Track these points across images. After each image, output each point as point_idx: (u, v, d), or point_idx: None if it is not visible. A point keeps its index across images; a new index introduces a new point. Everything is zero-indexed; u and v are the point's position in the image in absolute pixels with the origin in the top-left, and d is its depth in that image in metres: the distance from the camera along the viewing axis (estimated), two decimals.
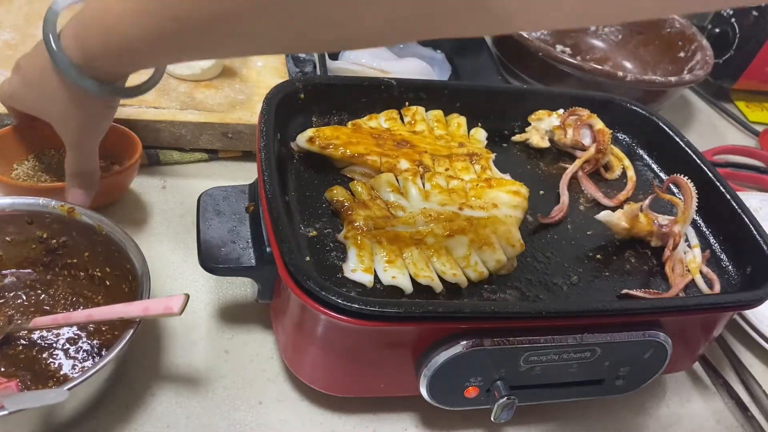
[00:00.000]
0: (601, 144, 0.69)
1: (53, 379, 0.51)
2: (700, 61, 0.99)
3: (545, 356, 0.52)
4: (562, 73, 0.90)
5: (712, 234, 0.65)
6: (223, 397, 0.56)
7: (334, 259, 0.53)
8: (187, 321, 0.60)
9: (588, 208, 0.66)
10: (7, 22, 0.80)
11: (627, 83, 0.89)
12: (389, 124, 0.67)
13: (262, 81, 0.82)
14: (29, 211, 0.56)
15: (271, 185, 0.52)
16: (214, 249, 0.54)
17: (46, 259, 0.58)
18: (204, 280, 0.64)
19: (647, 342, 0.53)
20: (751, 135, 1.10)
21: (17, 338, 0.53)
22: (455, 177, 0.62)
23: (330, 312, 0.46)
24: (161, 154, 0.75)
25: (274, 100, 0.61)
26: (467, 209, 0.58)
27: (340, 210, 0.57)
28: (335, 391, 0.55)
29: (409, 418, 0.57)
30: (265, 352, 0.59)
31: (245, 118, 0.76)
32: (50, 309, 0.56)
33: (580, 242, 0.62)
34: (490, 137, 0.71)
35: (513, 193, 0.61)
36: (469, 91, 0.74)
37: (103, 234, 0.55)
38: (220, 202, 0.58)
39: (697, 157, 0.69)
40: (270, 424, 0.55)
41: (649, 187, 0.69)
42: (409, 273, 0.53)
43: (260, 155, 0.55)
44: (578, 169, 0.69)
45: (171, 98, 0.76)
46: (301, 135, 0.62)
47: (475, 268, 0.54)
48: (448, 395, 0.53)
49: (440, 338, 0.50)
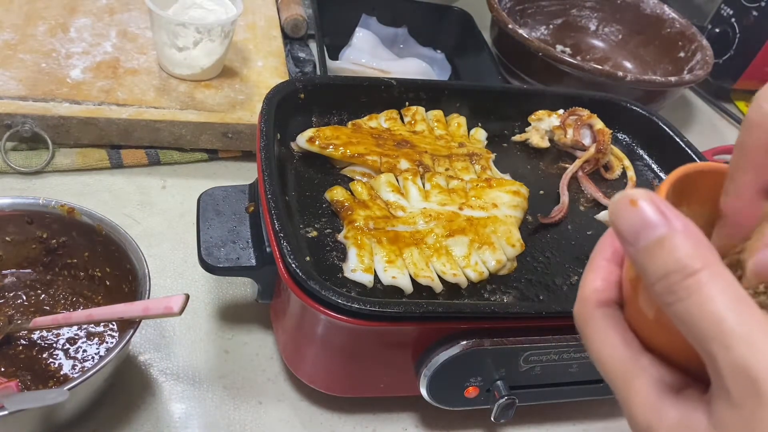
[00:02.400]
0: (601, 144, 0.69)
1: (53, 379, 0.51)
2: (700, 61, 0.99)
3: (545, 356, 0.52)
4: (562, 73, 0.89)
5: None
6: (223, 397, 0.56)
7: (334, 259, 0.53)
8: (187, 321, 0.60)
9: (588, 208, 0.66)
10: (7, 22, 0.80)
11: (627, 83, 0.88)
12: (389, 124, 0.67)
13: (262, 81, 0.82)
14: (29, 211, 0.56)
15: (271, 185, 0.52)
16: (214, 249, 0.54)
17: (46, 259, 0.58)
18: (204, 280, 0.64)
19: None
20: None
21: (17, 338, 0.53)
22: (455, 177, 0.62)
23: (330, 312, 0.46)
24: (161, 154, 0.75)
25: (274, 100, 0.61)
26: (467, 209, 0.58)
27: (340, 210, 0.57)
28: (335, 391, 0.55)
29: (409, 418, 0.57)
30: (265, 352, 0.59)
31: (245, 118, 0.76)
32: (50, 309, 0.56)
33: (580, 242, 0.62)
34: (490, 137, 0.71)
35: (513, 193, 0.61)
36: (469, 91, 0.73)
37: (103, 234, 0.55)
38: (220, 202, 0.58)
39: (697, 157, 0.69)
40: (270, 424, 0.55)
41: (649, 187, 0.69)
42: (409, 273, 0.53)
43: (260, 155, 0.55)
44: (578, 169, 0.69)
45: (171, 98, 0.76)
46: (301, 135, 0.62)
47: (475, 268, 0.54)
48: (448, 395, 0.53)
49: (440, 338, 0.50)
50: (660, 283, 0.25)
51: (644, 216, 0.25)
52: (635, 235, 0.25)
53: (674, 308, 0.24)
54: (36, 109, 0.70)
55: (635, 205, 0.25)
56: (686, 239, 0.24)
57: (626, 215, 0.26)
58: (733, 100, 1.18)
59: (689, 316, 0.24)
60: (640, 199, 0.25)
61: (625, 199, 0.26)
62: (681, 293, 0.24)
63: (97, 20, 0.84)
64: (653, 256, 0.25)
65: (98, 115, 0.71)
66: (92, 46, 0.80)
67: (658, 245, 0.25)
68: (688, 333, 0.24)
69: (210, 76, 0.80)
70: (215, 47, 0.76)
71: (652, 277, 0.25)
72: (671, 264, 0.24)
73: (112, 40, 0.82)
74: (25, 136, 0.70)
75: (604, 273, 0.31)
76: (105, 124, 0.72)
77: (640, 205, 0.25)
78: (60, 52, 0.78)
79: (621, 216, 0.26)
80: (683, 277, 0.24)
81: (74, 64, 0.77)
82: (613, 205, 0.26)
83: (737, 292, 0.24)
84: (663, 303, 0.25)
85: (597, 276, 0.31)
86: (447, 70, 1.00)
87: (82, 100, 0.72)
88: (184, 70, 0.78)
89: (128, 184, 0.72)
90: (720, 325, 0.23)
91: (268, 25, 0.92)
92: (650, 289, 0.25)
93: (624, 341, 0.29)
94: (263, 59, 0.85)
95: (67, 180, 0.71)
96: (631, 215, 0.25)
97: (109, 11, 0.86)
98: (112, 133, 0.73)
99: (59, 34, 0.81)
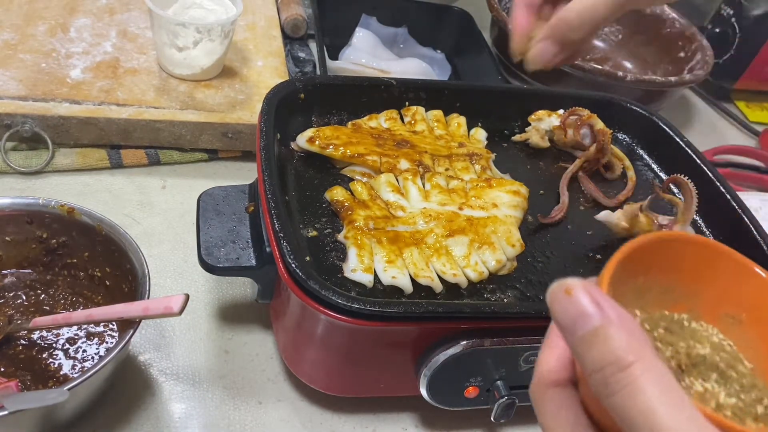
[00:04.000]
0: (601, 144, 0.69)
1: (53, 379, 0.51)
2: (700, 61, 0.99)
3: None
4: (562, 73, 0.89)
5: (712, 234, 0.65)
6: (223, 397, 0.56)
7: (334, 259, 0.53)
8: (187, 321, 0.60)
9: (588, 208, 0.66)
10: (7, 22, 0.80)
11: (627, 83, 0.88)
12: (389, 124, 0.67)
13: (262, 81, 0.82)
14: (29, 211, 0.56)
15: (271, 185, 0.52)
16: (214, 249, 0.54)
17: (46, 259, 0.58)
18: (204, 280, 0.64)
19: None
20: (751, 135, 1.10)
21: (17, 338, 0.53)
22: (455, 177, 0.62)
23: (330, 312, 0.46)
24: (161, 154, 0.75)
25: (274, 100, 0.61)
26: (467, 209, 0.58)
27: (340, 210, 0.57)
28: (335, 391, 0.55)
29: (409, 418, 0.57)
30: (265, 352, 0.59)
31: (245, 118, 0.76)
32: (50, 309, 0.56)
33: (580, 242, 0.62)
34: (490, 137, 0.71)
35: (513, 193, 0.61)
36: (469, 91, 0.73)
37: (103, 234, 0.55)
38: (220, 202, 0.58)
39: (697, 157, 0.69)
40: (270, 424, 0.55)
41: (649, 187, 0.69)
42: (409, 273, 0.53)
43: (260, 155, 0.55)
44: (578, 169, 0.69)
45: (171, 98, 0.76)
46: (301, 135, 0.62)
47: (475, 268, 0.54)
48: (448, 395, 0.53)
49: (440, 338, 0.50)
50: (596, 376, 0.25)
51: (579, 306, 0.26)
52: (572, 324, 0.26)
53: (609, 400, 0.25)
54: (36, 109, 0.70)
55: (570, 295, 0.26)
56: (620, 330, 0.25)
57: (563, 305, 0.26)
58: (733, 100, 1.18)
59: (623, 408, 0.24)
60: (576, 288, 0.26)
61: (561, 288, 0.27)
62: (615, 386, 0.24)
63: (97, 20, 0.84)
64: (589, 347, 0.25)
65: (98, 115, 0.71)
66: (92, 46, 0.80)
67: (593, 335, 0.25)
68: (623, 423, 0.25)
69: (210, 76, 0.80)
70: (215, 47, 0.76)
71: (588, 369, 0.25)
72: (606, 355, 0.25)
73: (112, 40, 0.82)
74: (25, 136, 0.70)
75: (559, 351, 0.31)
76: (105, 124, 0.72)
77: (575, 295, 0.26)
78: (60, 52, 0.78)
79: (557, 305, 0.27)
80: (617, 370, 0.24)
81: (74, 64, 0.77)
82: (550, 294, 0.27)
83: (669, 384, 0.24)
84: (599, 394, 0.25)
85: (552, 355, 0.31)
86: (447, 70, 1.00)
87: (82, 100, 0.72)
88: (184, 70, 0.78)
89: (128, 184, 0.72)
90: (651, 418, 0.24)
91: (268, 25, 0.92)
92: (588, 379, 0.26)
93: (576, 420, 0.29)
94: (263, 59, 0.85)
95: (67, 180, 0.71)
96: (567, 305, 0.26)
97: (109, 11, 0.86)
98: (112, 133, 0.73)
99: (59, 34, 0.81)
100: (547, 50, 0.52)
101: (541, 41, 0.52)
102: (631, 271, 0.31)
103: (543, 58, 0.52)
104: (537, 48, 0.52)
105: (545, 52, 0.52)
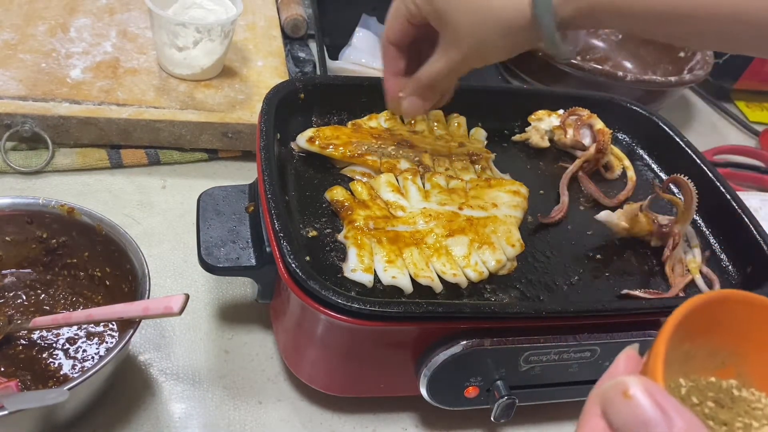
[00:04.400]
0: (601, 144, 0.69)
1: (53, 379, 0.51)
2: (700, 61, 0.99)
3: (545, 356, 0.52)
4: (562, 73, 0.89)
5: (712, 234, 0.65)
6: (223, 397, 0.56)
7: (334, 259, 0.53)
8: (187, 321, 0.60)
9: (588, 208, 0.66)
10: (7, 22, 0.80)
11: (627, 83, 0.88)
12: (389, 124, 0.67)
13: (262, 81, 0.82)
14: (29, 210, 0.56)
15: (271, 185, 0.52)
16: (214, 249, 0.54)
17: (46, 259, 0.58)
18: (204, 280, 0.64)
19: (647, 342, 0.53)
20: (751, 135, 1.10)
21: (17, 338, 0.53)
22: (455, 177, 0.62)
23: (330, 312, 0.46)
24: (161, 154, 0.75)
25: (274, 100, 0.61)
26: (467, 209, 0.58)
27: (340, 210, 0.57)
28: (335, 391, 0.55)
29: (409, 418, 0.57)
30: (265, 352, 0.59)
31: (245, 118, 0.76)
32: (50, 309, 0.56)
33: (580, 242, 0.62)
34: (490, 137, 0.71)
35: (513, 193, 0.61)
36: (469, 91, 0.73)
37: (103, 234, 0.55)
38: (220, 202, 0.58)
39: (697, 157, 0.69)
40: (270, 424, 0.55)
41: (649, 187, 0.69)
42: (409, 273, 0.53)
43: (260, 155, 0.55)
44: (578, 169, 0.69)
45: (171, 98, 0.76)
46: (301, 135, 0.62)
47: (475, 268, 0.54)
48: (448, 395, 0.53)
49: (440, 338, 0.50)
50: None
51: (641, 413, 0.23)
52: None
53: None
54: (36, 109, 0.70)
55: (629, 398, 0.23)
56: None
57: (621, 410, 0.23)
58: (733, 100, 1.18)
59: None
60: (634, 389, 0.23)
61: (617, 389, 0.24)
62: None
63: (97, 20, 0.84)
64: None
65: (98, 114, 0.71)
66: (92, 46, 0.80)
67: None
68: None
69: (210, 75, 0.80)
70: (215, 47, 0.76)
71: None
72: None
73: (112, 40, 0.82)
74: (25, 136, 0.70)
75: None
76: (105, 124, 0.72)
77: (636, 399, 0.23)
78: (60, 52, 0.78)
79: (614, 409, 0.24)
80: None
81: (74, 64, 0.77)
82: (604, 394, 0.24)
83: None
84: None
85: None
86: None
87: (82, 100, 0.73)
88: (184, 70, 0.78)
89: (128, 184, 0.72)
90: None
91: (268, 25, 0.92)
92: None
93: None
94: (263, 59, 0.85)
95: (67, 180, 0.71)
96: (627, 411, 0.23)
97: (109, 11, 0.86)
98: (112, 133, 0.73)
99: (59, 34, 0.81)
100: (414, 104, 0.56)
101: (407, 98, 0.57)
102: (678, 341, 0.28)
103: (415, 111, 0.57)
104: (405, 104, 0.57)
105: (413, 105, 0.56)
